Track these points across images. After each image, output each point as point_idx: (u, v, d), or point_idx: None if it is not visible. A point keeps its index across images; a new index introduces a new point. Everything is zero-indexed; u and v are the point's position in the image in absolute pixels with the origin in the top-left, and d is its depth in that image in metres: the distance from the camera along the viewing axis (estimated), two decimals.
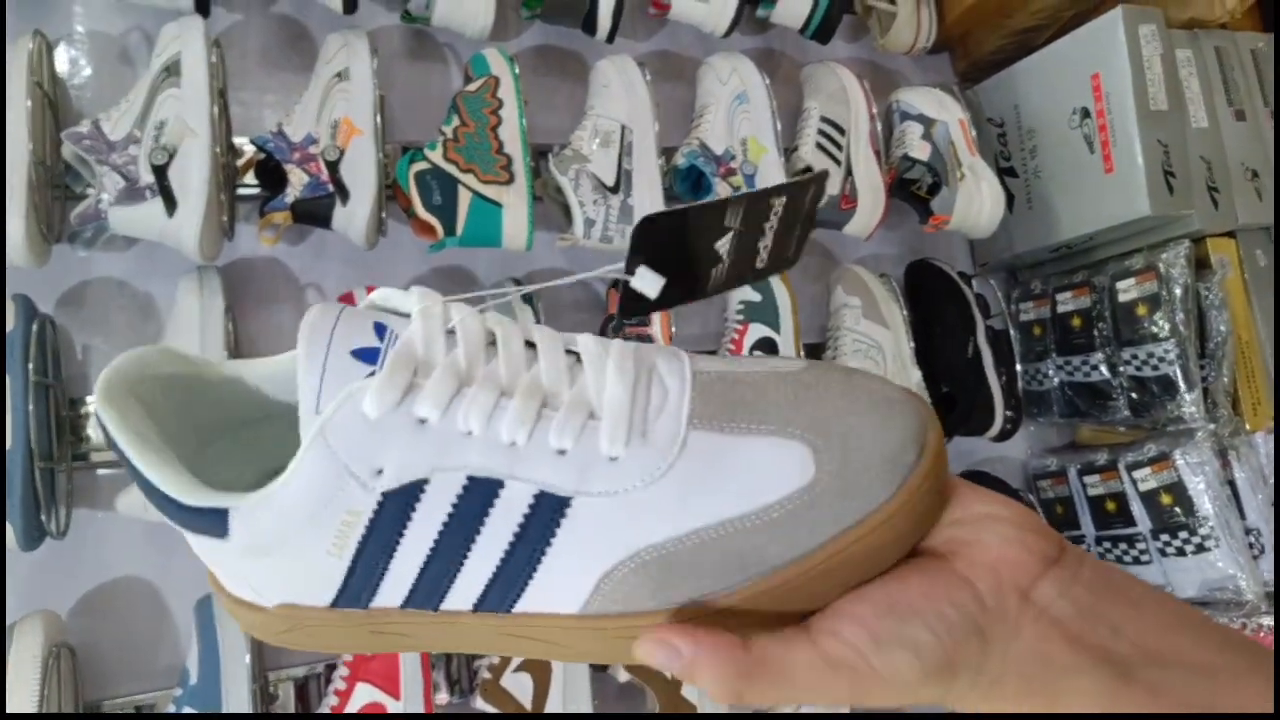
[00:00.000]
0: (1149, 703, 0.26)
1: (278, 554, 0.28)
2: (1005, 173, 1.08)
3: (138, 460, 0.28)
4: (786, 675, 0.27)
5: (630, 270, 0.32)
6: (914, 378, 0.95)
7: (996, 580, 0.28)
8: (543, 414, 0.27)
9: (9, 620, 0.68)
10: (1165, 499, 0.97)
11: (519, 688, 0.78)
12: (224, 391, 0.31)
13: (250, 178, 0.79)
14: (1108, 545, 1.03)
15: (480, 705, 0.78)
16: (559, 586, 0.28)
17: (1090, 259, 1.06)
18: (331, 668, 0.78)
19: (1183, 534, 0.96)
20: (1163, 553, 0.97)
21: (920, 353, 0.97)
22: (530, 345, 0.29)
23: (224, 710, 0.70)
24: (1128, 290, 0.98)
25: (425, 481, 0.27)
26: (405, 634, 0.31)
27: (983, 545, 0.28)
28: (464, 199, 0.77)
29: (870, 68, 1.12)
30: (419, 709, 0.73)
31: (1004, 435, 1.01)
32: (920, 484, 0.28)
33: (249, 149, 0.79)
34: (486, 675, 0.78)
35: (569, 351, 0.29)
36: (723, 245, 0.33)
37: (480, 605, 0.29)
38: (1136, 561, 1.00)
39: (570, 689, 0.78)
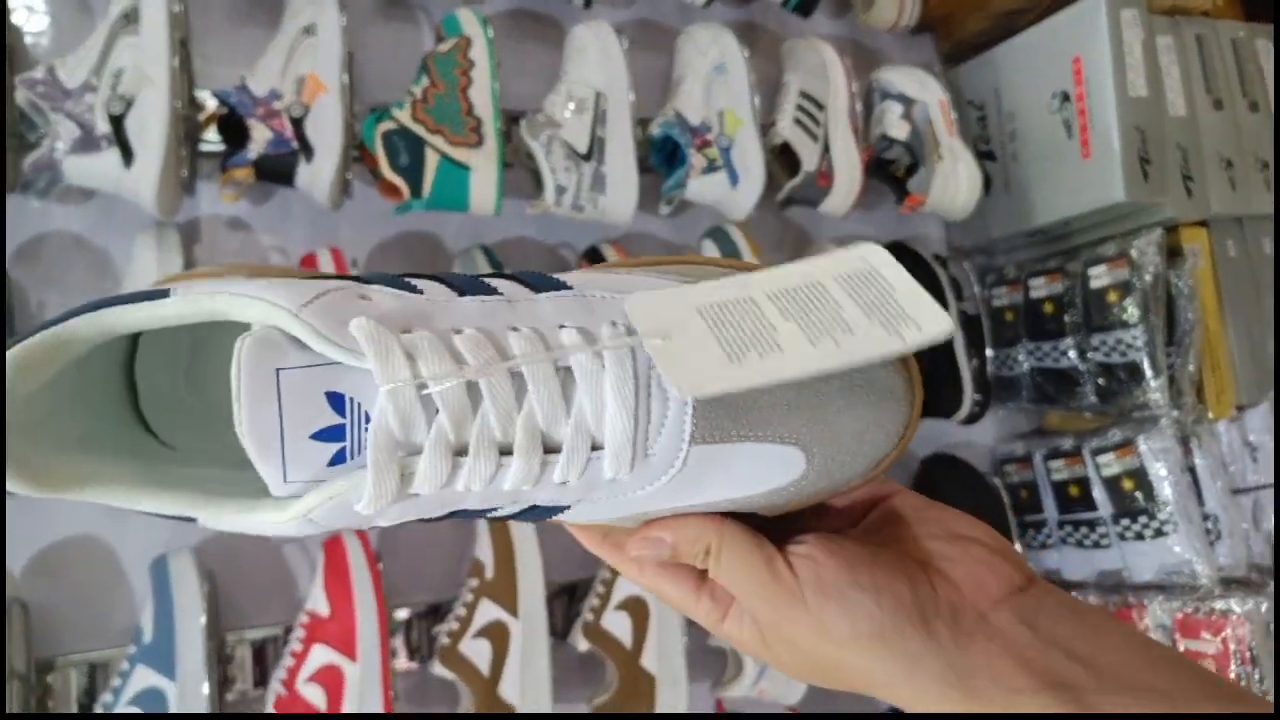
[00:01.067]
0: None
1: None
2: (984, 156, 1.07)
3: None
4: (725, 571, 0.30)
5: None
6: None
7: (959, 594, 0.29)
8: (545, 461, 0.27)
9: None
10: (1127, 484, 0.98)
11: (477, 654, 0.77)
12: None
13: (212, 133, 0.77)
14: (1069, 529, 1.04)
15: (439, 671, 0.78)
16: None
17: (1065, 245, 1.06)
18: (288, 630, 0.78)
19: (1142, 519, 0.96)
20: (1122, 537, 0.98)
21: None
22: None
23: (177, 668, 0.70)
24: (1099, 277, 0.98)
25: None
26: None
27: (955, 563, 0.30)
28: (431, 160, 0.76)
29: (852, 45, 1.11)
30: (376, 672, 0.73)
31: (972, 419, 1.01)
32: (883, 466, 0.30)
33: (211, 103, 0.77)
34: (445, 641, 0.78)
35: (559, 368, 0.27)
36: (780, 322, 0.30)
37: None
38: (1096, 545, 1.01)
39: (528, 656, 0.78)
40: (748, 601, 0.30)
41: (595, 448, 0.27)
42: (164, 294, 0.26)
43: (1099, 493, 1.00)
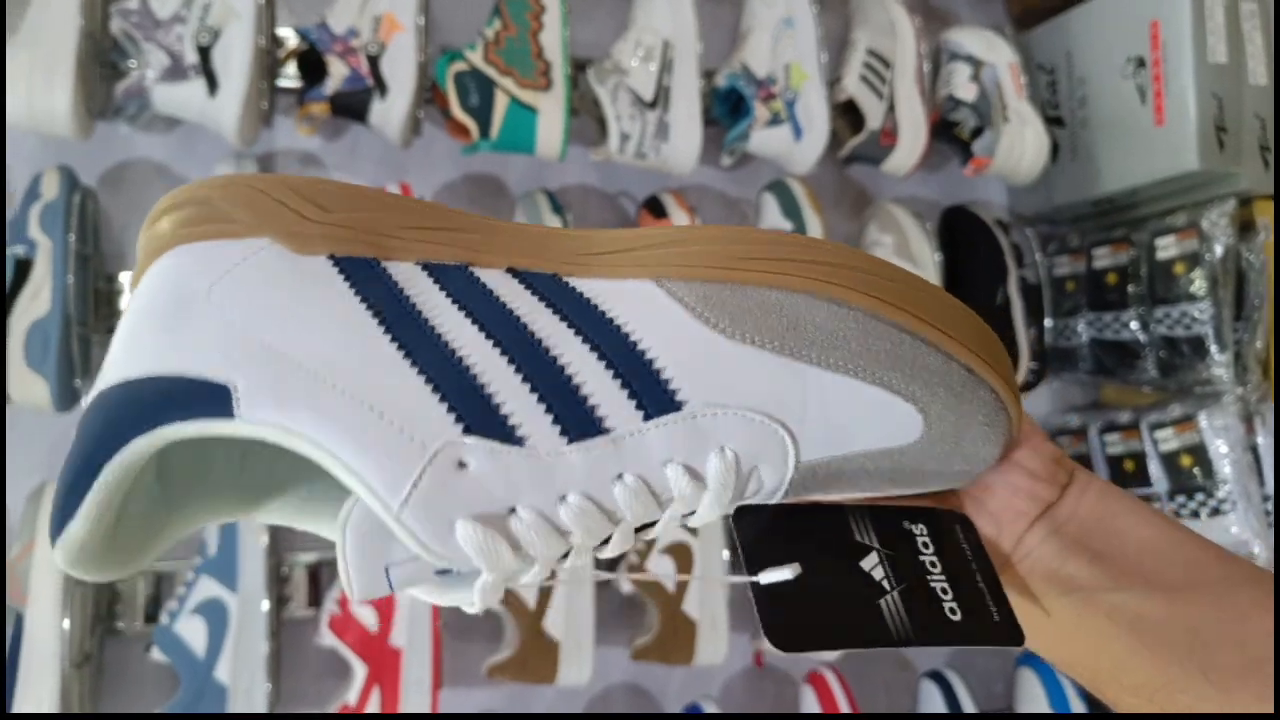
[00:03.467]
0: (1106, 625, 0.28)
1: None
2: (1052, 121, 1.05)
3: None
4: None
5: (751, 570, 0.27)
6: None
7: (997, 526, 0.31)
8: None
9: (41, 477, 0.71)
10: (1185, 461, 0.96)
11: (529, 592, 0.79)
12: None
13: (291, 68, 0.80)
14: None
15: None
16: None
17: (1131, 215, 1.03)
18: None
19: (1199, 496, 0.95)
20: (1177, 514, 0.97)
21: None
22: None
23: (239, 581, 0.73)
24: (1167, 247, 0.96)
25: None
26: None
27: (993, 492, 0.31)
28: (500, 102, 0.77)
29: (922, 4, 1.10)
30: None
31: (1026, 387, 1.00)
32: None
33: (292, 40, 0.79)
34: None
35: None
36: (874, 569, 0.28)
37: None
38: None
39: (573, 592, 0.80)
40: None
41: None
42: (227, 411, 0.24)
43: (1155, 468, 0.99)
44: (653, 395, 0.26)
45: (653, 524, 0.27)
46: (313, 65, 0.78)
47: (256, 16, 0.71)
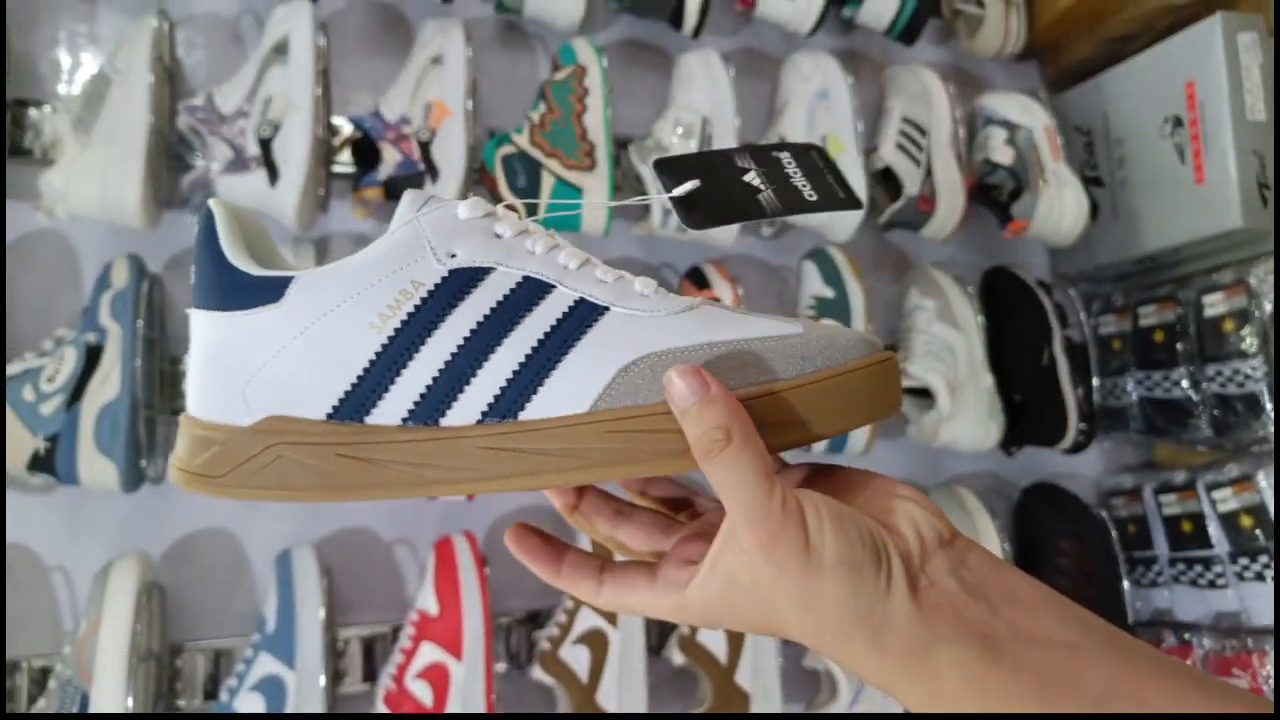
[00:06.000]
0: (1012, 679, 0.28)
1: (318, 325, 0.32)
2: (1091, 182, 1.06)
3: (223, 240, 0.33)
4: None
5: (666, 187, 0.36)
6: (985, 383, 0.94)
7: (906, 545, 0.31)
8: (587, 259, 0.34)
9: (107, 556, 0.73)
10: (1246, 521, 0.94)
11: (576, 660, 0.79)
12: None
13: (345, 155, 0.83)
14: (1182, 567, 1.00)
15: (538, 675, 0.80)
16: (573, 386, 0.32)
17: (1175, 273, 1.03)
18: (396, 628, 0.81)
19: (1263, 558, 0.92)
20: (1240, 577, 0.94)
21: (993, 359, 0.96)
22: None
23: (297, 658, 0.73)
24: (1215, 304, 0.95)
25: (489, 270, 0.33)
26: (378, 461, 0.32)
27: (897, 516, 0.32)
28: (547, 183, 0.80)
29: (954, 71, 1.12)
30: (480, 672, 0.75)
31: (1076, 448, 0.99)
32: (882, 363, 0.33)
33: (346, 128, 0.83)
34: (545, 646, 0.80)
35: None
36: (752, 179, 0.37)
37: (488, 413, 0.32)
38: (1212, 585, 0.97)
39: (626, 665, 0.79)
40: (743, 513, 0.30)
41: (622, 278, 0.34)
42: None
43: (1215, 529, 0.97)
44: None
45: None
46: (367, 151, 0.81)
47: (314, 107, 0.75)
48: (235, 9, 0.85)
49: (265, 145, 0.73)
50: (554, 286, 0.33)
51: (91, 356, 0.72)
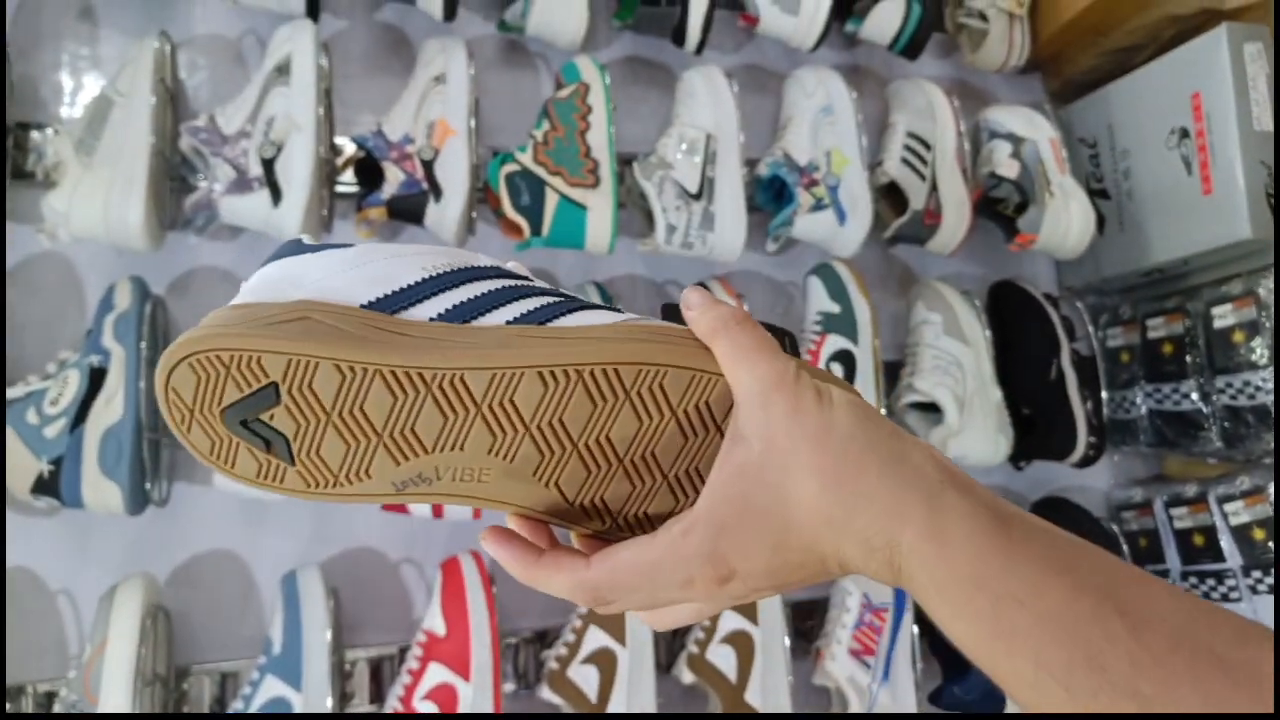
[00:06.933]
0: (1020, 546, 0.28)
1: (376, 263, 0.33)
2: (1097, 194, 1.05)
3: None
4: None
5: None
6: (994, 397, 0.94)
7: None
8: None
9: (112, 579, 0.73)
10: (1258, 534, 0.93)
11: (585, 680, 0.79)
12: None
13: (348, 175, 0.83)
14: (1194, 580, 0.99)
15: (546, 695, 0.79)
16: (601, 315, 0.34)
17: (1182, 285, 1.02)
18: (403, 649, 0.81)
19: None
20: (1254, 590, 0.93)
21: (1001, 373, 0.95)
22: None
23: (303, 680, 0.73)
24: (1224, 316, 0.94)
25: None
26: (403, 333, 0.32)
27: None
28: (551, 200, 0.79)
29: (958, 85, 1.11)
30: (488, 692, 0.75)
31: (1086, 462, 0.98)
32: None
33: (349, 148, 0.83)
34: (554, 665, 0.80)
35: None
36: None
37: (518, 320, 0.33)
38: (1225, 599, 0.96)
39: (635, 684, 0.79)
40: (759, 371, 0.31)
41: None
42: None
43: (1227, 542, 0.96)
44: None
45: None
46: (370, 171, 0.81)
47: (317, 127, 0.75)
48: (237, 30, 0.85)
49: (268, 166, 0.73)
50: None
51: (95, 379, 0.72)
